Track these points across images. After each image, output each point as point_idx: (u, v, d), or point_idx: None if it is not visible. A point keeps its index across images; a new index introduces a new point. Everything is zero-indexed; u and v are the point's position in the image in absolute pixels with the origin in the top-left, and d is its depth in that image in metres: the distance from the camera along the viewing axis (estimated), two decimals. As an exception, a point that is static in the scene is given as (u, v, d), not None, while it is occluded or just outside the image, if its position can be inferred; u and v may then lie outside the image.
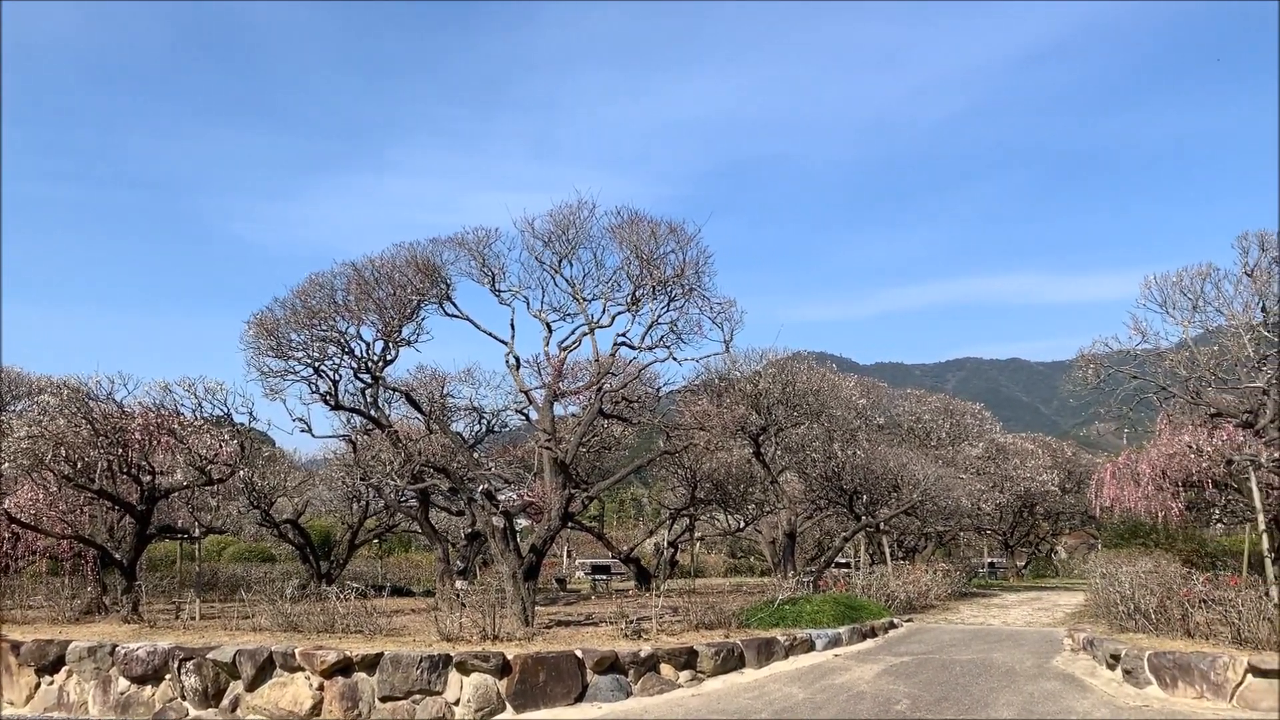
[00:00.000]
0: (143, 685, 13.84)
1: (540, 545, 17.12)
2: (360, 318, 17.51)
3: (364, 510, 27.55)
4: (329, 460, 29.41)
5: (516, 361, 18.32)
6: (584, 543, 42.84)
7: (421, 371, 23.85)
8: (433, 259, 17.70)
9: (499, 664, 12.47)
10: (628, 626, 15.20)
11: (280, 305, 17.85)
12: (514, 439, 27.84)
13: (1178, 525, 28.52)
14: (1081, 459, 41.88)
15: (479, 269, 18.00)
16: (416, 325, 18.13)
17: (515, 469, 23.61)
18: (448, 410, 23.51)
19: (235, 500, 24.61)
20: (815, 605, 18.05)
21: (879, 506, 27.55)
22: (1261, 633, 12.70)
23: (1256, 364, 15.99)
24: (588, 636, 14.93)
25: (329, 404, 18.33)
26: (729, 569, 44.99)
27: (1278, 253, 15.76)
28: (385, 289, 17.37)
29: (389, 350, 17.96)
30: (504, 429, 26.08)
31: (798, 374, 26.71)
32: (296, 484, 28.59)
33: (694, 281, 18.16)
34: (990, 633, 19.13)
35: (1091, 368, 18.12)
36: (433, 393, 22.55)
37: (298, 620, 15.17)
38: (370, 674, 12.67)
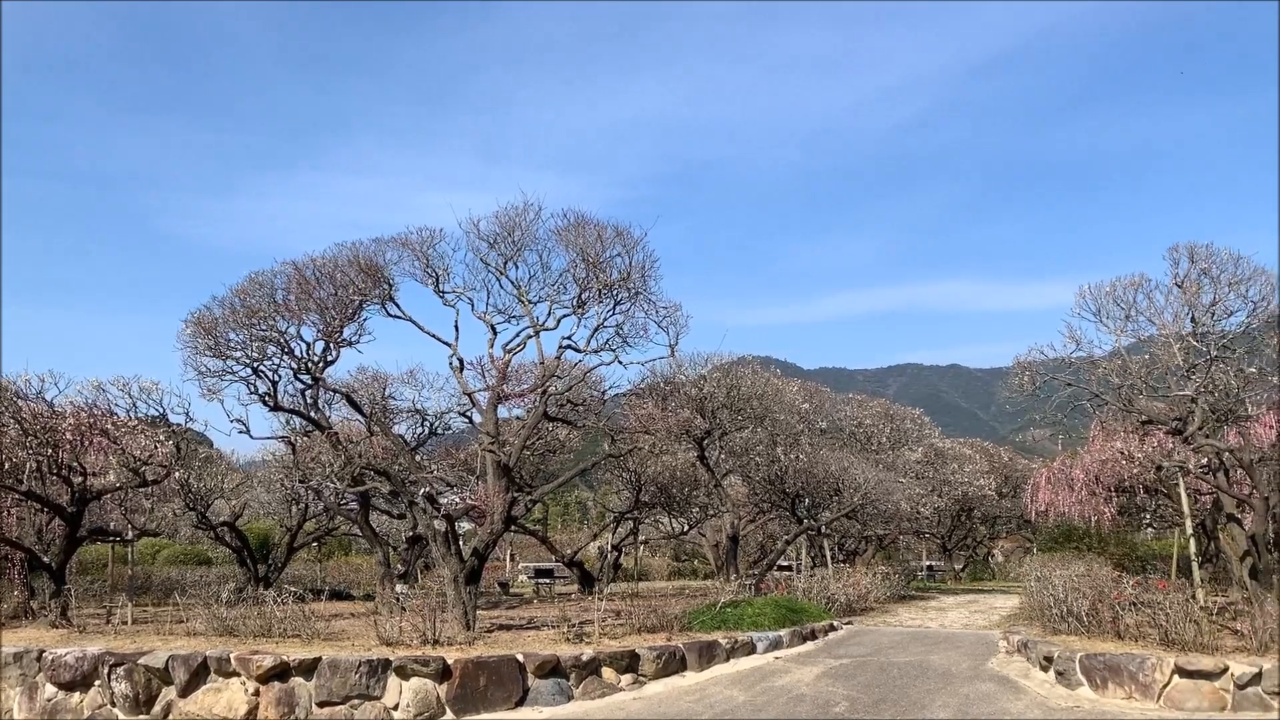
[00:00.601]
0: (71, 692, 13.49)
1: (482, 549, 17.01)
2: (301, 317, 17.24)
3: (303, 513, 27.15)
4: (268, 462, 28.94)
5: (460, 363, 18.19)
6: (527, 546, 42.65)
7: (363, 373, 23.61)
8: (376, 259, 17.50)
9: (439, 668, 12.35)
10: (570, 630, 15.17)
11: (219, 304, 17.53)
12: (457, 442, 27.65)
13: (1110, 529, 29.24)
14: (1018, 464, 42.68)
15: (423, 270, 17.85)
16: (358, 326, 17.90)
17: (458, 472, 23.45)
18: (390, 412, 23.27)
19: (170, 502, 24.12)
20: (757, 608, 18.17)
21: (821, 510, 27.81)
22: (1188, 634, 13.04)
23: (1185, 373, 16.42)
24: (529, 640, 14.86)
25: (268, 405, 18.03)
26: (673, 572, 45.07)
27: (1207, 264, 16.22)
28: (327, 289, 17.12)
29: (330, 351, 17.71)
30: (447, 431, 25.89)
31: (742, 378, 26.88)
32: (234, 486, 28.08)
33: (640, 285, 18.19)
34: (928, 635, 19.40)
35: (1028, 375, 18.48)
36: (374, 394, 22.31)
37: (234, 625, 14.90)
38: (308, 679, 12.48)
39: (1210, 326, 16.59)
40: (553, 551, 31.24)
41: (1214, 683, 11.73)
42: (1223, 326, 16.74)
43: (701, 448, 25.62)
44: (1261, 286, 16.49)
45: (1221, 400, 17.47)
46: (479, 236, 17.84)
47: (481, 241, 17.87)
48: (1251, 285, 16.47)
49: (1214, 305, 16.47)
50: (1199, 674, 11.79)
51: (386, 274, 17.69)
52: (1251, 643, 13.04)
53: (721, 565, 26.54)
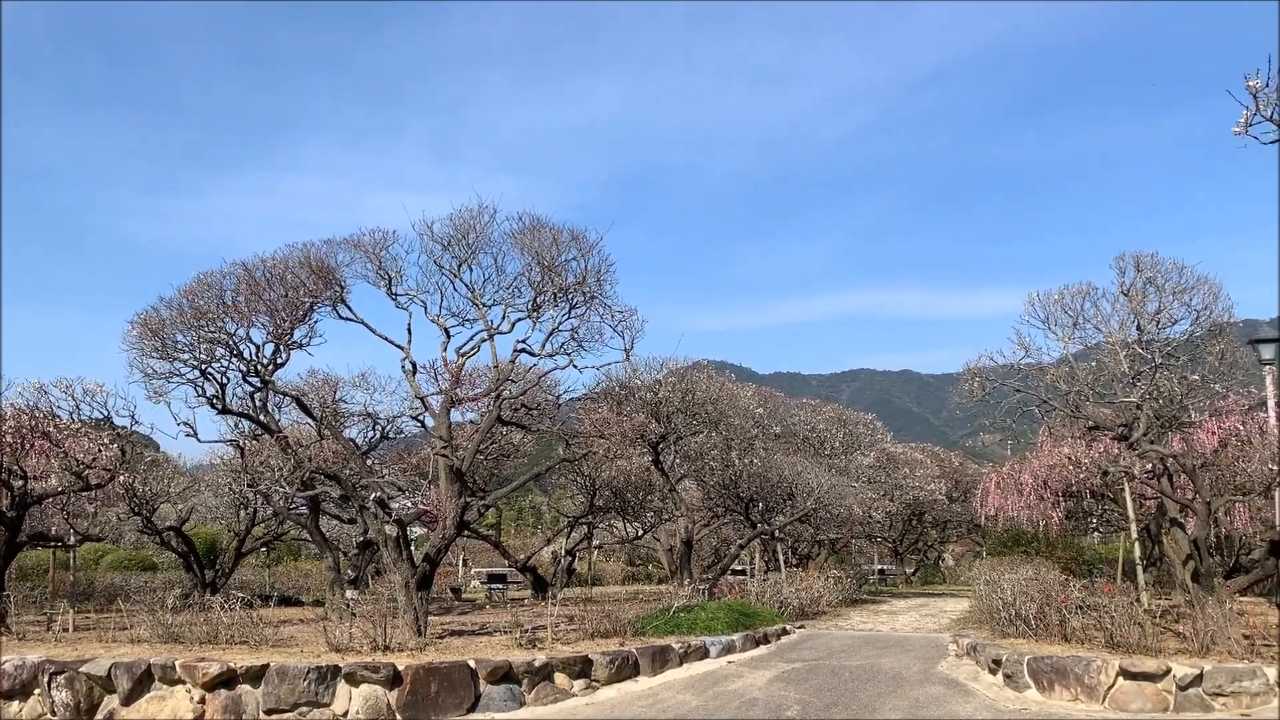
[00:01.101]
0: (9, 701, 13.15)
1: (434, 554, 16.87)
2: (250, 319, 17.00)
3: (252, 517, 26.75)
4: (216, 466, 28.47)
5: (413, 367, 18.04)
6: (480, 551, 42.38)
7: (314, 375, 23.32)
8: (327, 260, 17.30)
9: (389, 675, 12.22)
10: (522, 636, 15.08)
11: (166, 305, 17.24)
12: (409, 446, 27.41)
13: (1057, 534, 29.65)
14: (968, 469, 43.24)
15: (375, 272, 17.68)
16: (309, 328, 17.69)
17: (410, 476, 23.25)
18: (340, 416, 23.01)
19: (115, 506, 23.63)
20: (710, 612, 18.19)
21: (774, 514, 27.93)
22: (1132, 637, 13.27)
23: (1131, 380, 16.72)
24: (481, 646, 14.77)
25: (216, 408, 17.75)
26: (627, 577, 45.05)
27: (1152, 274, 16.55)
28: (277, 290, 16.90)
29: (280, 353, 17.48)
30: (399, 435, 25.67)
31: (697, 383, 26.92)
32: (181, 490, 27.60)
33: (595, 289, 18.16)
34: (879, 639, 19.56)
35: (977, 380, 18.72)
36: (325, 397, 22.03)
37: (179, 631, 14.63)
38: (255, 686, 12.29)
39: (1155, 334, 16.93)
40: (506, 556, 31.08)
41: (1157, 684, 11.95)
42: (1167, 334, 17.10)
43: (656, 452, 25.62)
44: (1204, 295, 16.87)
45: (1166, 407, 17.80)
46: (433, 239, 17.72)
47: (435, 244, 17.75)
48: (1194, 294, 16.85)
49: (1159, 314, 16.81)
50: (1143, 676, 12.00)
51: (338, 276, 17.50)
52: (1193, 644, 13.31)
53: (675, 570, 26.56)
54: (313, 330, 17.84)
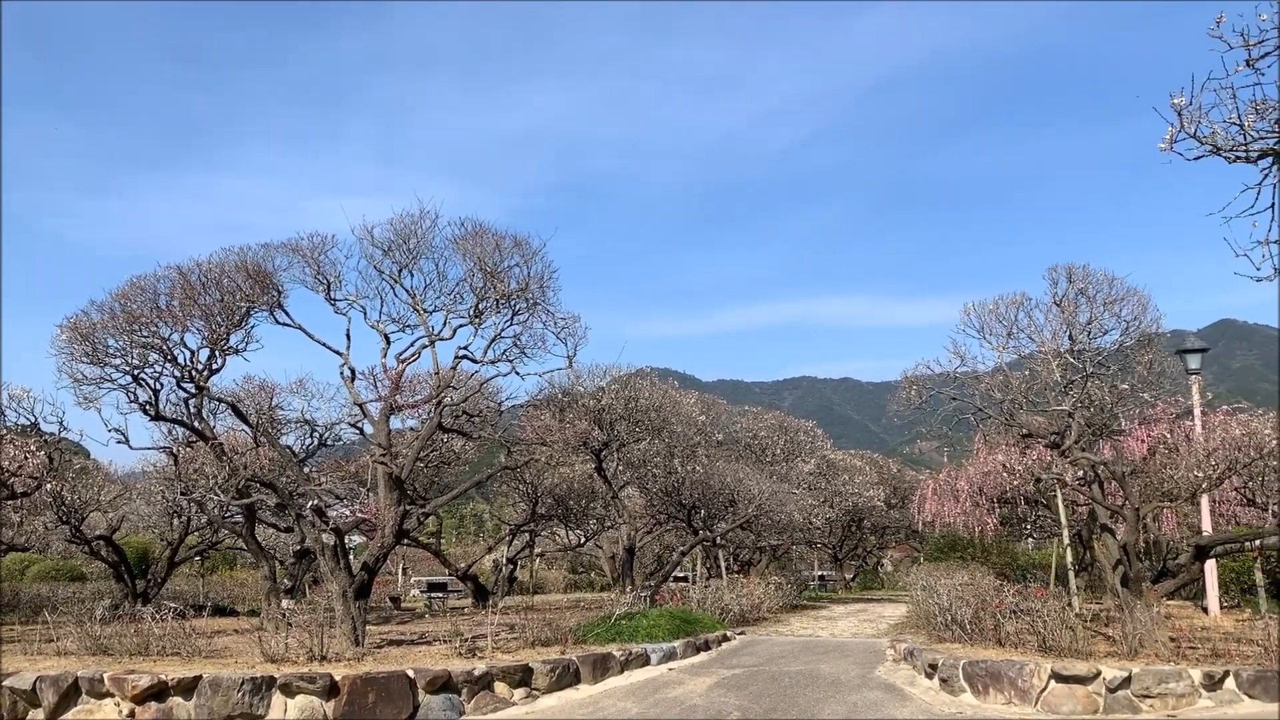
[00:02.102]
0: (-73, 718, 12.73)
1: (373, 563, 16.66)
2: (185, 324, 16.66)
3: (185, 526, 26.19)
4: (148, 473, 27.83)
5: (352, 373, 17.81)
6: (421, 560, 41.96)
7: (250, 381, 22.89)
8: (264, 265, 17.01)
9: (326, 685, 12.04)
10: (462, 645, 14.96)
11: (97, 309, 16.80)
12: (348, 453, 27.04)
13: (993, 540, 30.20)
14: (906, 475, 43.85)
15: (314, 276, 17.43)
16: (246, 333, 17.37)
17: (349, 484, 22.96)
18: (277, 423, 22.61)
19: (41, 515, 23.00)
20: (651, 620, 18.21)
21: (716, 521, 28.06)
22: (1064, 640, 13.55)
23: (1063, 388, 17.08)
24: (420, 655, 14.62)
25: (149, 414, 17.34)
26: (569, 585, 44.92)
27: (1084, 285, 16.95)
28: (213, 294, 16.58)
29: (215, 359, 17.15)
30: (338, 443, 25.29)
31: (641, 390, 26.97)
32: (112, 498, 26.93)
33: (538, 296, 18.09)
34: (818, 644, 19.73)
35: (915, 389, 18.97)
36: (261, 404, 21.64)
37: (108, 643, 14.26)
38: (187, 698, 12.02)
39: (1086, 344, 17.32)
40: (446, 565, 30.81)
41: (1087, 687, 12.20)
42: (1098, 344, 17.50)
43: (599, 459, 25.61)
44: (1134, 307, 17.30)
45: (1097, 415, 18.21)
46: (373, 243, 17.52)
47: (375, 249, 17.55)
48: (1124, 305, 17.27)
49: (1090, 324, 17.20)
50: (1074, 679, 12.24)
51: (276, 280, 17.22)
52: (1122, 647, 13.63)
53: (618, 577, 26.54)
54: (249, 335, 17.53)
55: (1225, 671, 12.22)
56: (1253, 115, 6.92)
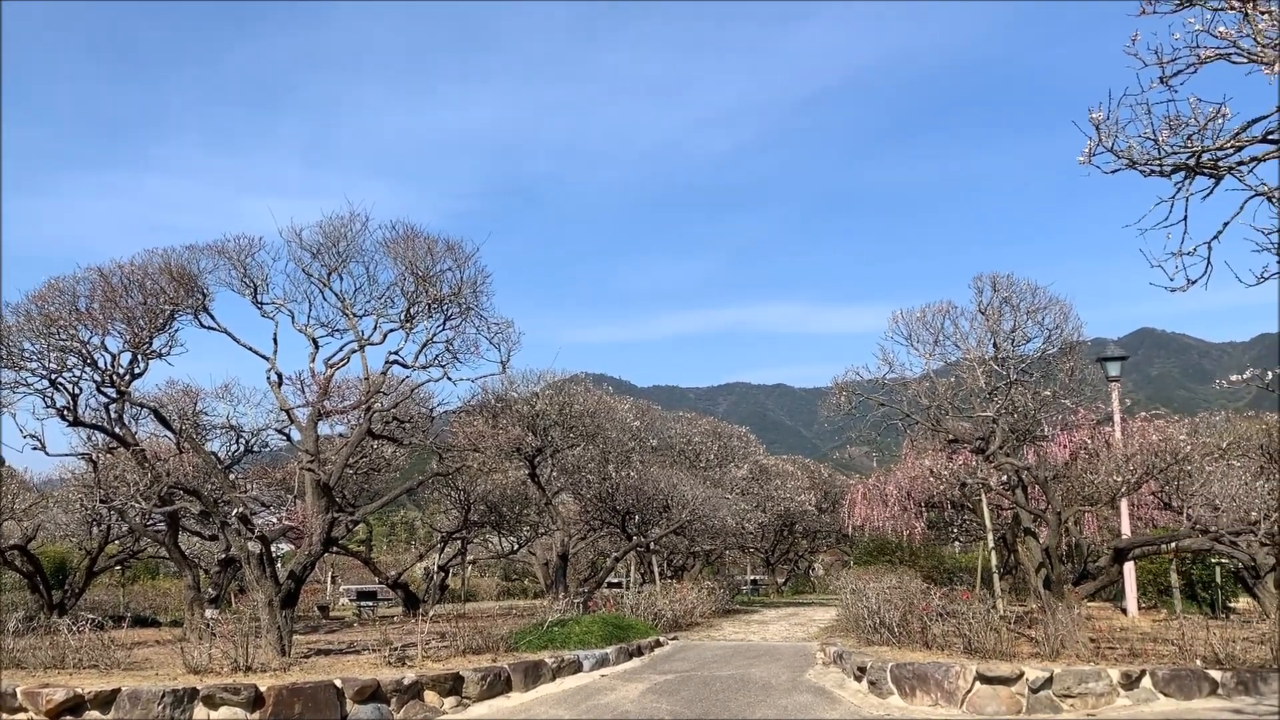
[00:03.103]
0: None
1: (300, 571, 16.37)
2: (106, 327, 16.22)
3: (105, 535, 25.44)
4: (66, 480, 26.95)
5: (279, 378, 17.49)
6: (350, 568, 41.30)
7: (173, 386, 22.31)
8: (189, 267, 16.64)
9: (251, 696, 11.78)
10: (392, 654, 14.76)
11: (12, 311, 16.27)
12: (275, 460, 26.53)
13: (920, 543, 30.75)
14: (837, 480, 44.36)
15: (240, 279, 17.10)
16: (169, 337, 16.96)
17: (276, 491, 22.52)
18: (202, 428, 22.09)
19: (-49, 525, 22.17)
20: (584, 626, 18.17)
21: (650, 526, 28.09)
22: (989, 642, 13.83)
23: (988, 395, 17.46)
24: (349, 665, 14.40)
25: (67, 419, 16.83)
26: (502, 592, 44.61)
27: (1008, 294, 17.37)
28: (135, 297, 16.17)
29: (138, 363, 16.71)
30: (265, 449, 24.80)
31: (575, 396, 26.92)
32: (27, 506, 26.03)
33: (471, 300, 17.97)
34: (750, 649, 19.85)
35: (844, 395, 19.24)
36: (185, 409, 21.11)
37: (21, 656, 13.82)
38: (105, 712, 11.67)
39: (1010, 352, 17.74)
40: (376, 573, 30.39)
41: (1011, 688, 12.45)
42: (1021, 352, 17.95)
43: (533, 465, 25.48)
44: (1055, 315, 17.79)
45: (1020, 421, 18.65)
46: (301, 246, 17.24)
47: (304, 251, 17.27)
48: (1047, 314, 17.75)
49: (1014, 332, 17.64)
50: (998, 680, 12.49)
51: (201, 283, 16.86)
52: (1045, 648, 13.95)
53: (551, 584, 26.41)
54: (173, 339, 17.14)
55: (1142, 671, 12.58)
56: (1166, 131, 7.14)
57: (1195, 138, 7.08)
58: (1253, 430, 22.82)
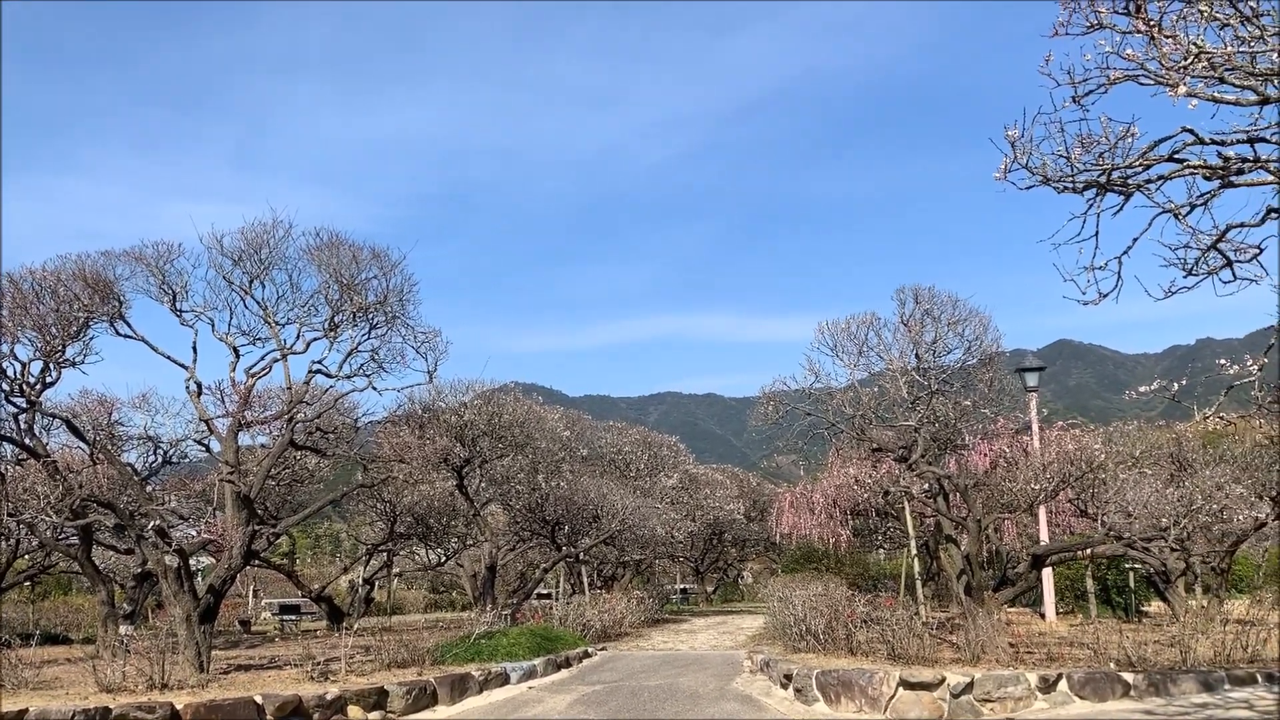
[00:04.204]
0: None
1: (219, 585, 15.99)
2: (15, 335, 15.70)
3: (14, 549, 24.55)
4: (-28, 494, 25.98)
5: (198, 387, 17.09)
6: (273, 581, 40.47)
7: (87, 396, 21.65)
8: (104, 273, 16.21)
9: (166, 714, 11.46)
10: (314, 668, 14.49)
11: (-86, 318, 15.66)
12: (194, 471, 25.89)
13: (846, 551, 31.14)
14: (765, 489, 44.73)
15: (158, 286, 16.68)
16: (84, 345, 16.50)
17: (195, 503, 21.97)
18: (117, 439, 21.46)
19: None
20: (512, 638, 18.04)
21: (580, 536, 28.02)
22: (912, 649, 14.05)
23: (910, 404, 17.77)
24: (270, 680, 14.09)
25: (-28, 431, 16.24)
26: (430, 604, 44.04)
27: (929, 305, 17.72)
28: (47, 304, 15.68)
29: (49, 371, 16.20)
30: (183, 460, 24.18)
31: (505, 406, 26.77)
32: (-71, 521, 25.03)
33: (398, 309, 17.79)
34: (678, 658, 19.90)
35: (772, 404, 19.44)
36: (100, 419, 20.51)
37: (-79, 678, 13.24)
38: (10, 735, 11.26)
39: (932, 362, 18.09)
40: (299, 586, 29.79)
41: (933, 693, 12.66)
42: (943, 362, 18.31)
43: (461, 476, 25.25)
44: (975, 327, 18.18)
45: (941, 430, 19.04)
46: (222, 253, 16.89)
47: (225, 258, 16.92)
48: (967, 325, 18.13)
49: (935, 343, 17.98)
50: (920, 685, 12.69)
51: (117, 290, 16.42)
52: (966, 654, 14.22)
53: (479, 596, 26.16)
54: (87, 347, 16.68)
55: (1059, 674, 12.90)
56: (1079, 148, 7.36)
57: (1106, 156, 7.31)
58: (1163, 439, 23.56)
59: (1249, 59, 6.65)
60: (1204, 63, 6.62)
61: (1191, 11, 6.90)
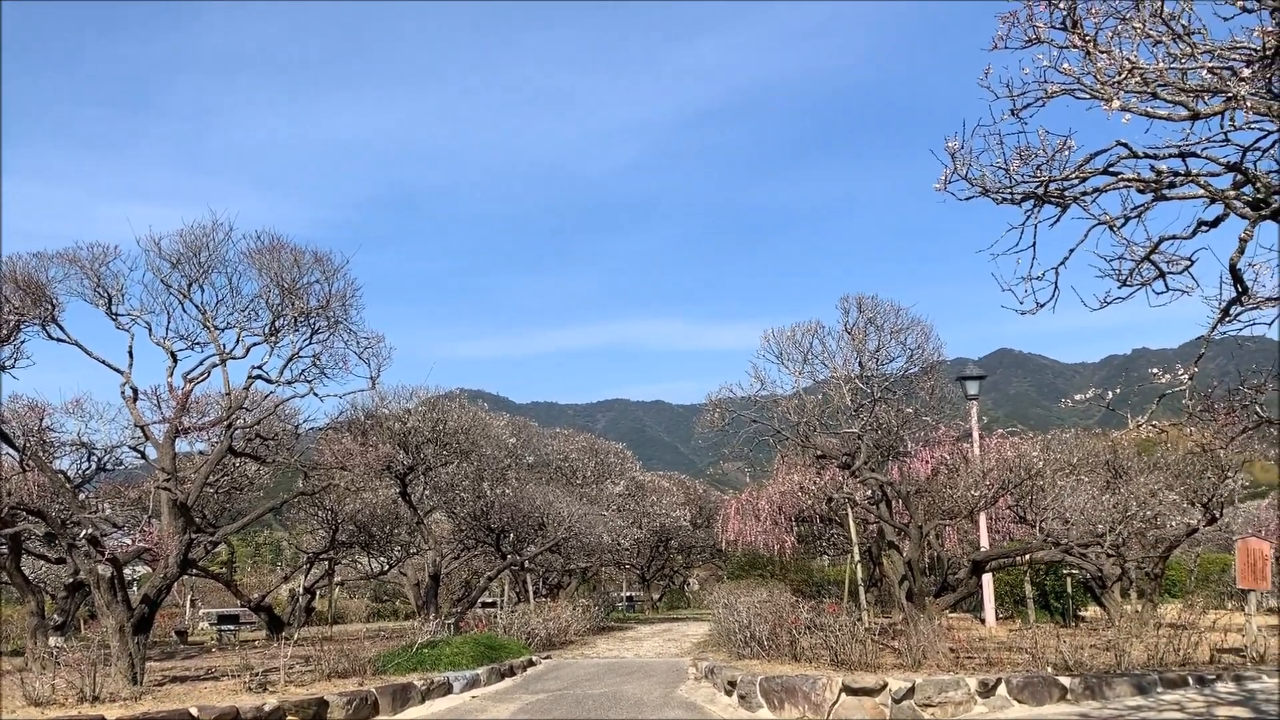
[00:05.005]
0: None
1: (154, 595, 15.62)
2: (-58, 338, 15.26)
3: (-61, 560, 23.81)
4: (-104, 502, 25.16)
5: (134, 393, 16.70)
6: (212, 590, 39.70)
7: (17, 401, 21.09)
8: (37, 275, 15.80)
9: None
10: (252, 679, 14.23)
11: None
12: (130, 478, 25.33)
13: (791, 557, 31.29)
14: (712, 495, 44.87)
15: (93, 289, 16.30)
16: (14, 349, 16.12)
17: (130, 511, 21.47)
18: (49, 445, 20.93)
19: None
20: (455, 647, 17.88)
21: (526, 544, 27.88)
22: (854, 654, 14.16)
23: (854, 412, 17.98)
24: (206, 692, 13.80)
25: (-104, 436, 15.75)
26: (372, 614, 43.51)
27: (872, 314, 17.96)
28: (-25, 306, 15.25)
29: (-22, 376, 15.78)
30: (118, 467, 23.64)
31: (449, 412, 26.55)
32: None
33: (340, 314, 17.57)
34: (623, 665, 19.86)
35: (718, 411, 19.57)
36: (30, 425, 19.99)
37: None
38: (-70, 752, 10.91)
39: (875, 370, 18.34)
40: (238, 596, 29.25)
41: (875, 698, 12.77)
42: (886, 370, 18.58)
43: (404, 484, 24.99)
44: (917, 335, 18.49)
45: (884, 437, 19.24)
46: (160, 255, 16.53)
47: (163, 261, 16.57)
48: (909, 334, 18.42)
49: (878, 351, 18.24)
50: (863, 691, 12.79)
51: (50, 292, 16.02)
52: (907, 659, 14.37)
53: (422, 605, 25.90)
54: (18, 351, 16.31)
55: (998, 679, 13.08)
56: (1017, 160, 7.48)
57: (1043, 168, 7.44)
58: (1100, 447, 24.04)
59: (1180, 75, 6.81)
60: (1137, 78, 6.77)
61: (1126, 28, 7.04)
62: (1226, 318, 7.77)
